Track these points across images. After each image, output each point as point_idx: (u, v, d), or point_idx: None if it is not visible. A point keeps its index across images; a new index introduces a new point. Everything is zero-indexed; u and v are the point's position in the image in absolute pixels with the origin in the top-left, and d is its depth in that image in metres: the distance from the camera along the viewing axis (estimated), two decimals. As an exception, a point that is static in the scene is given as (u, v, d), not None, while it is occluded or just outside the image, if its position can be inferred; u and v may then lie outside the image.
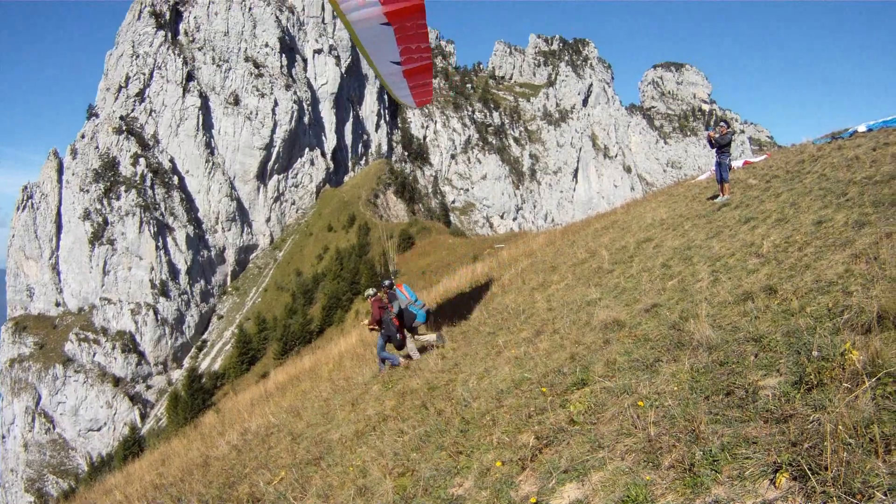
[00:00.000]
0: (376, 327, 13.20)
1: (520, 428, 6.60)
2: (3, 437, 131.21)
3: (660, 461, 4.83)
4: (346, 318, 64.80)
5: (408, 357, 13.10)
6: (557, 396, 6.92)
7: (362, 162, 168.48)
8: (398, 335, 12.98)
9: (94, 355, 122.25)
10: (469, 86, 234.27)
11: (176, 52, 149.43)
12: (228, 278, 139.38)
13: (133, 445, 69.51)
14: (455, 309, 16.78)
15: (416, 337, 13.36)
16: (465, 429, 7.36)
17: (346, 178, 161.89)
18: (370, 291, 13.58)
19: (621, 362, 7.04)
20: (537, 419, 6.58)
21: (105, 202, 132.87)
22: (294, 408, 14.18)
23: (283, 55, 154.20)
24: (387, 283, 13.25)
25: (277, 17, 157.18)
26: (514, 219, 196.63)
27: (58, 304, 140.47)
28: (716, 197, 17.12)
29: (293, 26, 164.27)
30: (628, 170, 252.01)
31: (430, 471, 6.73)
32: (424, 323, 13.36)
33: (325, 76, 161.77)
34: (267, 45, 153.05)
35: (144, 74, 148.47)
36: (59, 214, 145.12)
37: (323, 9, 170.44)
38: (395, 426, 8.83)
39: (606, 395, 6.34)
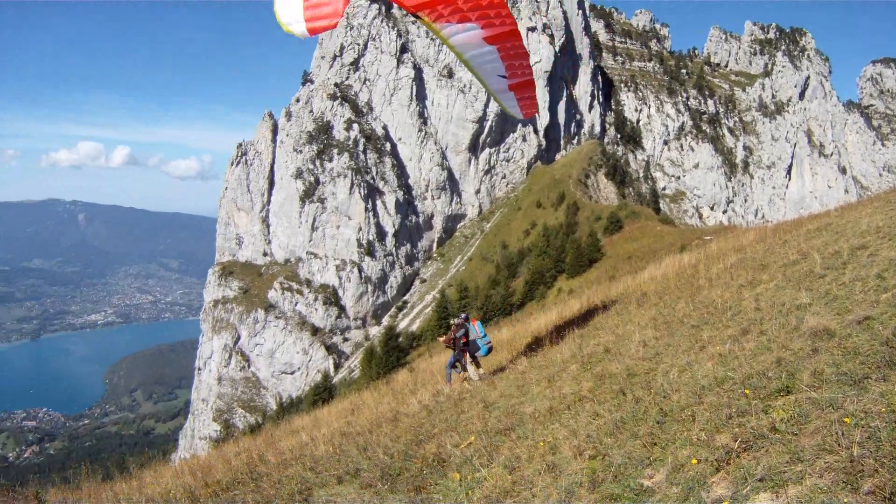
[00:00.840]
0: (450, 345, 15.27)
1: (718, 428, 6.43)
2: (199, 370, 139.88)
3: (860, 484, 4.62)
4: (547, 294, 63.31)
5: (466, 377, 15.28)
6: (760, 400, 6.68)
7: (574, 141, 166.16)
8: (463, 357, 15.21)
9: (295, 304, 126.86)
10: (684, 71, 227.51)
11: (390, 24, 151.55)
12: (434, 244, 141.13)
13: (323, 392, 70.36)
14: (659, 297, 16.65)
15: (476, 365, 15.33)
16: (663, 421, 7.20)
17: (557, 157, 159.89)
18: (456, 320, 15.58)
19: (829, 374, 6.75)
20: (737, 421, 6.40)
21: (318, 163, 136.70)
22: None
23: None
24: (464, 315, 15.53)
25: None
26: (724, 211, 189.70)
27: (265, 254, 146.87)
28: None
29: (508, 3, 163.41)
30: (843, 170, 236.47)
31: (622, 458, 6.61)
32: (485, 356, 15.60)
33: (539, 54, 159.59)
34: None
35: (359, 45, 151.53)
36: (271, 172, 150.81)
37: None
38: (590, 408, 8.71)
39: (811, 407, 6.08)
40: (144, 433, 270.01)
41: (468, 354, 15.23)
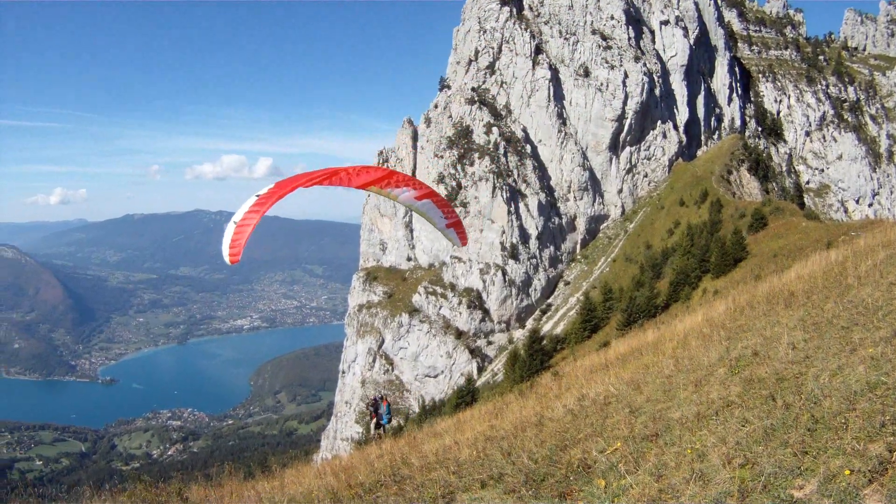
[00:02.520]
0: (373, 415, 24.10)
1: (871, 436, 6.22)
2: (343, 373, 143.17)
3: None
4: (692, 295, 61.72)
5: (377, 434, 23.60)
6: None
7: (715, 136, 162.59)
8: (373, 421, 24.31)
9: (439, 308, 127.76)
10: (821, 58, 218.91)
11: (522, 26, 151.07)
12: (578, 246, 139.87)
13: (466, 395, 70.02)
14: (807, 297, 15.99)
15: (381, 426, 23.90)
16: (813, 428, 6.97)
17: (698, 153, 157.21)
18: (375, 397, 24.86)
19: None
20: (891, 429, 6.19)
21: (459, 167, 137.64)
22: (634, 381, 13.91)
23: (630, 27, 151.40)
24: (378, 397, 24.69)
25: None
26: (870, 204, 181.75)
27: (409, 259, 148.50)
28: None
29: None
30: None
31: (772, 467, 6.46)
32: (385, 424, 24.01)
33: (674, 48, 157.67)
34: (613, 18, 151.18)
35: (493, 48, 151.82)
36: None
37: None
38: (739, 414, 8.46)
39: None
40: (287, 434, 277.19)
41: (376, 419, 24.10)
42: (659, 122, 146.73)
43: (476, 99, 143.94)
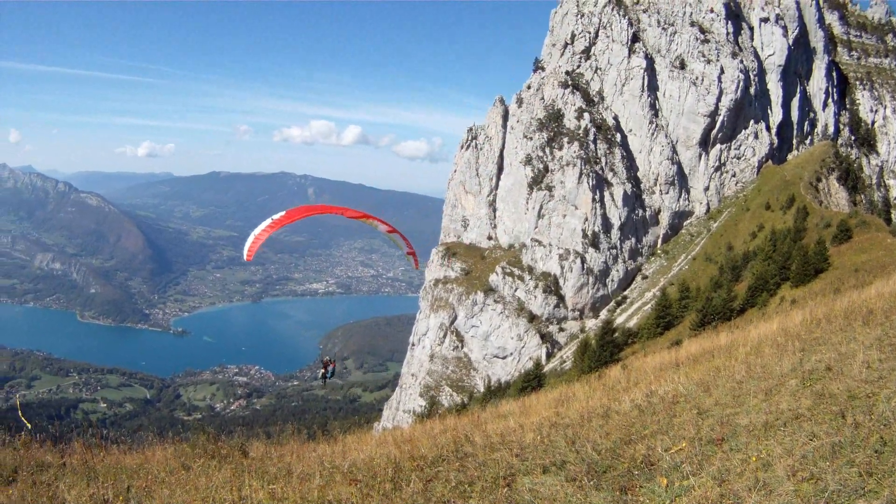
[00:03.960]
0: (324, 369, 27.99)
1: None
2: (413, 345, 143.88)
3: None
4: (769, 302, 60.66)
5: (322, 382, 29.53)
6: None
7: (807, 141, 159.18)
8: (320, 372, 28.21)
9: (515, 290, 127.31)
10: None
11: (621, 13, 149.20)
12: (660, 240, 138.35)
13: (533, 380, 69.57)
14: (886, 317, 15.69)
15: (325, 378, 28.16)
16: (881, 450, 6.94)
17: (788, 157, 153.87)
18: (326, 359, 28.26)
19: None
20: None
21: (547, 150, 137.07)
22: (704, 382, 13.78)
23: (729, 22, 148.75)
24: (330, 360, 28.11)
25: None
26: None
27: (489, 238, 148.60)
28: None
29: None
30: None
31: (837, 484, 6.43)
32: (329, 377, 28.18)
33: (772, 46, 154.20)
34: (712, 11, 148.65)
35: (590, 33, 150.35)
36: (500, 157, 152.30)
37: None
38: (807, 427, 8.41)
39: None
40: (350, 400, 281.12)
41: (323, 372, 28.01)
42: (752, 121, 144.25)
43: (569, 83, 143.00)
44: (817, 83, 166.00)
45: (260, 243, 19.30)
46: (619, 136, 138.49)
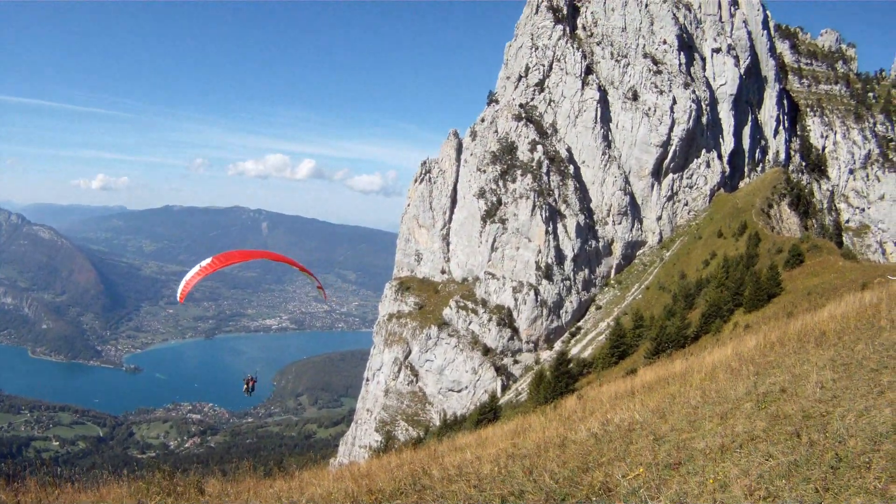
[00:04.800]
0: (247, 385, 30.37)
1: (894, 477, 6.34)
2: (367, 380, 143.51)
3: None
4: (723, 328, 61.16)
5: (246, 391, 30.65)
6: None
7: (759, 168, 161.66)
8: (244, 388, 30.37)
9: (469, 323, 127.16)
10: (871, 95, 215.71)
11: (575, 45, 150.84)
12: (613, 271, 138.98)
13: (489, 412, 71.53)
14: (838, 338, 16.15)
15: (249, 391, 30.47)
16: (837, 466, 7.09)
17: (740, 184, 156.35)
18: (249, 377, 30.60)
19: None
20: None
21: (500, 183, 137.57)
22: (659, 409, 14.04)
23: (682, 53, 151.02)
24: (251, 378, 30.42)
25: (674, 15, 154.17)
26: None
27: (443, 272, 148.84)
28: None
29: (690, 24, 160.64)
30: None
31: (793, 501, 6.58)
32: (250, 392, 30.66)
33: (724, 76, 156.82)
34: (665, 42, 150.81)
35: (544, 66, 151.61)
36: (454, 190, 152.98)
37: (720, 7, 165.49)
38: (763, 448, 8.59)
39: None
40: (305, 436, 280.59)
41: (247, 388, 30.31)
42: (704, 150, 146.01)
43: (523, 115, 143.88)
44: (769, 111, 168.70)
45: (191, 287, 22.12)
46: (572, 168, 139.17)
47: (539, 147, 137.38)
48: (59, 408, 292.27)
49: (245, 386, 30.85)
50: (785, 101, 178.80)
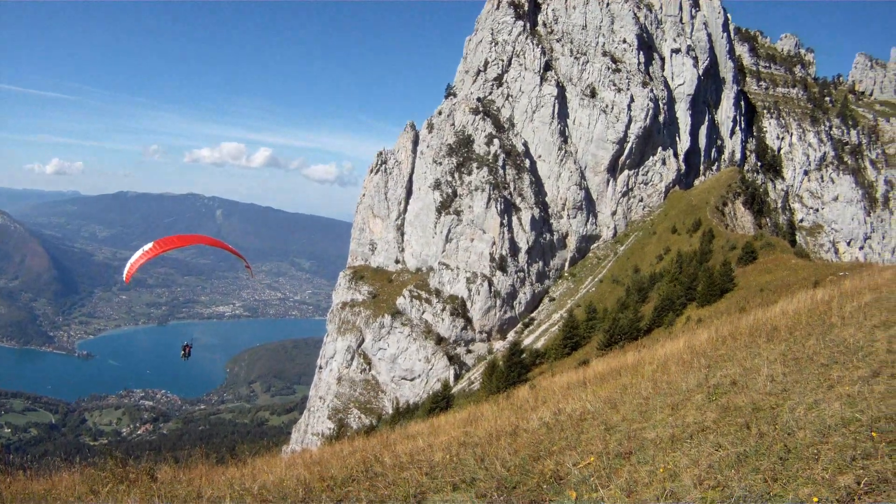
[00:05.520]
0: (184, 352, 30.07)
1: (842, 469, 6.45)
2: (320, 368, 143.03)
3: None
4: (675, 322, 61.33)
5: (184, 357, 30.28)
6: (887, 444, 6.72)
7: (714, 167, 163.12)
8: (182, 353, 29.85)
9: (423, 313, 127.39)
10: (828, 99, 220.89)
11: (534, 42, 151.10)
12: (567, 263, 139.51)
13: (441, 401, 70.47)
14: (790, 333, 16.25)
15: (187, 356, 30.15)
16: (786, 457, 7.20)
17: (696, 182, 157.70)
18: (187, 343, 30.46)
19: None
20: (861, 463, 6.43)
21: (456, 175, 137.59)
22: (611, 399, 14.08)
23: (641, 52, 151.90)
24: (188, 344, 30.24)
25: (635, 14, 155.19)
26: (861, 248, 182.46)
27: (397, 262, 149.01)
28: None
29: (651, 24, 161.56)
30: None
31: (742, 491, 6.65)
32: (187, 356, 30.12)
33: (682, 76, 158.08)
34: (625, 41, 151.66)
35: (503, 61, 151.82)
36: (410, 181, 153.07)
37: (681, 8, 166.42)
38: (713, 439, 8.63)
39: (941, 454, 5.94)
40: (258, 424, 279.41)
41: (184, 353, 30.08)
42: (660, 148, 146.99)
43: (480, 109, 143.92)
44: (726, 112, 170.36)
45: (135, 269, 22.98)
46: (528, 162, 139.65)
47: (496, 141, 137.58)
48: (10, 394, 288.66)
49: (182, 352, 31.13)
50: (742, 103, 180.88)
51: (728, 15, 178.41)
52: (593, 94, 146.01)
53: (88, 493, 10.41)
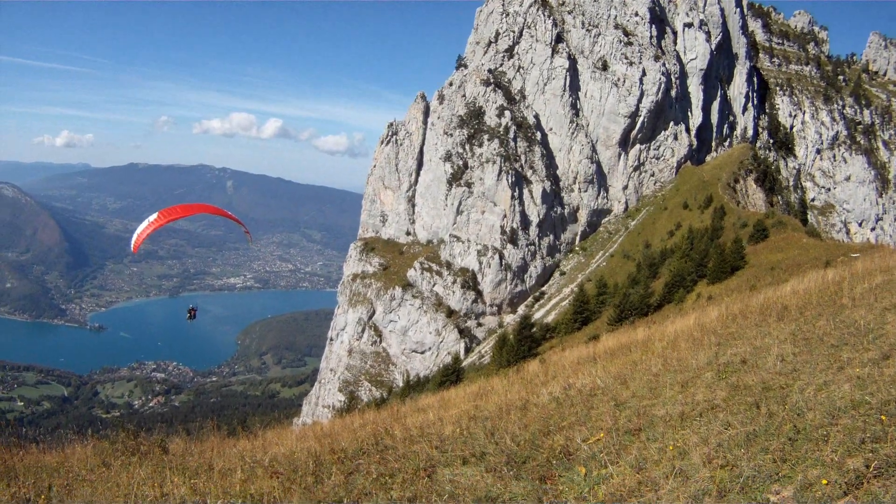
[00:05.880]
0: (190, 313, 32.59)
1: (851, 451, 6.46)
2: (331, 340, 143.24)
3: None
4: (686, 298, 61.21)
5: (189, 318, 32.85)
6: None
7: (726, 143, 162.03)
8: (188, 315, 32.49)
9: (433, 285, 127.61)
10: (841, 78, 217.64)
11: (546, 13, 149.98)
12: (578, 237, 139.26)
13: (452, 374, 71.07)
14: (800, 313, 16.34)
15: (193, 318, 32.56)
16: (795, 438, 7.23)
17: (707, 158, 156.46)
18: (192, 307, 33.13)
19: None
20: (871, 446, 6.44)
21: (467, 147, 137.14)
22: (621, 375, 14.08)
23: (653, 25, 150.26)
24: (193, 308, 32.80)
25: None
26: (872, 229, 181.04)
27: (408, 234, 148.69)
28: None
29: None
30: None
31: (751, 471, 6.67)
32: (192, 318, 32.86)
33: (695, 51, 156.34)
34: (637, 14, 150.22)
35: (514, 32, 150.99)
36: (420, 153, 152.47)
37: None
38: (723, 417, 8.70)
39: (950, 438, 5.92)
40: (269, 396, 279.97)
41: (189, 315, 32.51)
42: (672, 123, 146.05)
43: (492, 81, 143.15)
44: (738, 88, 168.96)
45: (142, 240, 24.24)
46: (539, 135, 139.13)
47: (507, 113, 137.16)
48: (23, 368, 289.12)
49: (188, 314, 33.49)
50: (755, 79, 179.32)
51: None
52: (605, 67, 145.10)
53: (101, 465, 10.50)
